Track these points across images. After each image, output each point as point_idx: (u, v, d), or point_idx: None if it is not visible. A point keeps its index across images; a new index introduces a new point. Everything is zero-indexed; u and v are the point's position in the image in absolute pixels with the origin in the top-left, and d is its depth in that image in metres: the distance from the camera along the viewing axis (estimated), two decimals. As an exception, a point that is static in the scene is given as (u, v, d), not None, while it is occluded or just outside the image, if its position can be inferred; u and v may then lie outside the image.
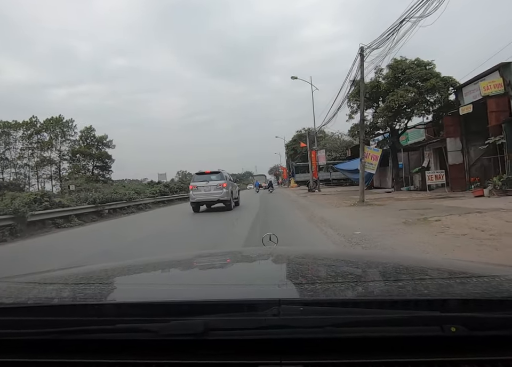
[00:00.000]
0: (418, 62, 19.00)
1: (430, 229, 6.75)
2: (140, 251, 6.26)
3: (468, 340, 0.68)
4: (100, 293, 1.01)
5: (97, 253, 6.54)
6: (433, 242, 5.46)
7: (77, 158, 51.68)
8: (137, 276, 1.33)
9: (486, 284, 0.94)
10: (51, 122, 50.79)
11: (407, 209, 10.15)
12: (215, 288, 1.01)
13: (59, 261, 5.58)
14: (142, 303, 0.80)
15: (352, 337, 0.69)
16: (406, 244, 5.56)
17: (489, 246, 4.91)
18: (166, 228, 10.76)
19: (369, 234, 6.59)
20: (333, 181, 40.69)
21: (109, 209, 16.59)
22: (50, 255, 6.89)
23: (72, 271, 1.43)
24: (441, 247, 5.13)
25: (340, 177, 39.53)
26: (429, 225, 7.20)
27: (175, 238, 8.18)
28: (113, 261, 2.16)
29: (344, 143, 46.80)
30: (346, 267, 1.34)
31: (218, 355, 0.70)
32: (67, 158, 52.09)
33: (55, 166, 51.74)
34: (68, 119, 52.48)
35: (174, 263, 1.56)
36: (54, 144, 51.21)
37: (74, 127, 53.09)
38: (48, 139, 50.55)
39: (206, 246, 6.35)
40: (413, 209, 10.15)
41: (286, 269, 1.31)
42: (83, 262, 3.95)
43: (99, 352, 0.72)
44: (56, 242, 9.29)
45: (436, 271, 1.20)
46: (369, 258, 1.64)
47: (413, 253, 4.64)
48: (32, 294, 1.00)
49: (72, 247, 8.15)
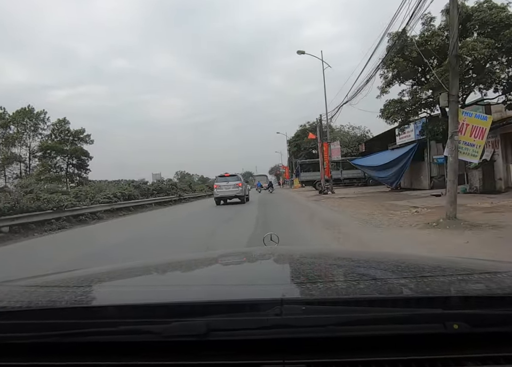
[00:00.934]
0: (490, 5, 12.79)
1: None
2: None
3: (470, 337, 0.68)
4: (101, 295, 1.01)
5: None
6: None
7: (49, 154, 44.65)
8: (138, 277, 1.31)
9: (487, 280, 0.95)
10: (20, 114, 44.03)
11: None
12: (217, 288, 1.00)
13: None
14: (143, 305, 0.79)
15: (354, 336, 0.69)
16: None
17: None
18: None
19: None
20: (344, 181, 34.13)
21: (12, 226, 10.30)
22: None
23: (73, 273, 1.40)
24: None
25: (353, 177, 33.13)
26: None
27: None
28: (114, 263, 2.31)
29: (355, 137, 40.76)
30: (347, 266, 1.32)
31: (220, 355, 0.70)
32: (38, 155, 45.13)
33: (24, 164, 44.87)
34: (40, 110, 45.66)
35: (175, 264, 1.53)
36: (23, 139, 44.45)
37: (47, 120, 46.23)
38: (16, 133, 43.74)
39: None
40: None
41: (288, 268, 1.31)
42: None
43: (101, 355, 0.71)
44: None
45: (437, 268, 1.18)
46: (371, 257, 1.62)
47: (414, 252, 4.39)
48: (33, 297, 0.99)
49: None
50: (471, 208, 8.87)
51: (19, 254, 7.56)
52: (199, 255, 2.09)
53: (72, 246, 8.27)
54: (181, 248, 6.21)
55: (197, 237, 7.63)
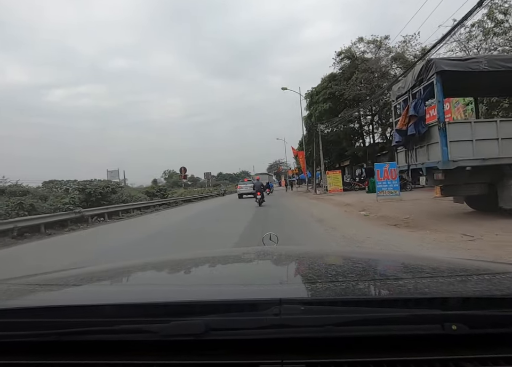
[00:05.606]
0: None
1: None
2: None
3: (469, 338, 0.68)
4: (100, 294, 1.01)
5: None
6: None
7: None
8: (137, 276, 1.32)
9: (486, 281, 0.95)
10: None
11: None
12: (216, 288, 1.00)
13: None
14: (142, 304, 0.79)
15: (353, 336, 0.69)
16: None
17: None
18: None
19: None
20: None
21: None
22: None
23: (72, 272, 1.40)
24: None
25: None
26: None
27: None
28: (113, 262, 2.31)
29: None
30: (346, 266, 1.31)
31: (219, 355, 0.70)
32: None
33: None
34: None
35: (174, 263, 1.54)
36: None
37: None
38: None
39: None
40: None
41: (287, 268, 1.33)
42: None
43: (99, 354, 0.72)
44: None
45: (436, 269, 1.18)
46: (370, 257, 1.63)
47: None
48: (32, 296, 1.00)
49: None
50: None
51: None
52: (197, 254, 2.11)
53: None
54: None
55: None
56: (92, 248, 8.28)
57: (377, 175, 15.71)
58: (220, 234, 8.40)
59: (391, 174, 15.43)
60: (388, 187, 15.54)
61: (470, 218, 8.19)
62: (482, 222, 7.34)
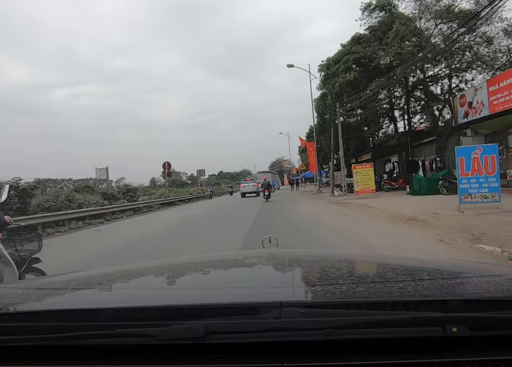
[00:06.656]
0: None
1: None
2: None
3: (469, 340, 0.68)
4: (99, 297, 1.01)
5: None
6: None
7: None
8: (137, 280, 1.31)
9: (486, 283, 0.95)
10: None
11: None
12: (215, 291, 1.00)
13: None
14: (142, 308, 0.79)
15: (353, 339, 0.69)
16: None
17: None
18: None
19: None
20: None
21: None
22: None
23: (71, 276, 1.39)
24: None
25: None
26: None
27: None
28: (113, 266, 2.22)
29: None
30: (346, 269, 1.31)
31: (219, 358, 0.70)
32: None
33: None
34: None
35: (174, 267, 1.54)
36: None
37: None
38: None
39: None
40: None
41: (287, 271, 1.31)
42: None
43: (99, 358, 0.71)
44: None
45: (437, 271, 1.19)
46: (370, 259, 1.64)
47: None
48: (31, 300, 0.99)
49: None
50: None
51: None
52: (197, 257, 2.00)
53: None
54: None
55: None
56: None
57: (460, 166, 9.15)
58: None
59: (486, 165, 8.92)
60: (480, 187, 9.00)
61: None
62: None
